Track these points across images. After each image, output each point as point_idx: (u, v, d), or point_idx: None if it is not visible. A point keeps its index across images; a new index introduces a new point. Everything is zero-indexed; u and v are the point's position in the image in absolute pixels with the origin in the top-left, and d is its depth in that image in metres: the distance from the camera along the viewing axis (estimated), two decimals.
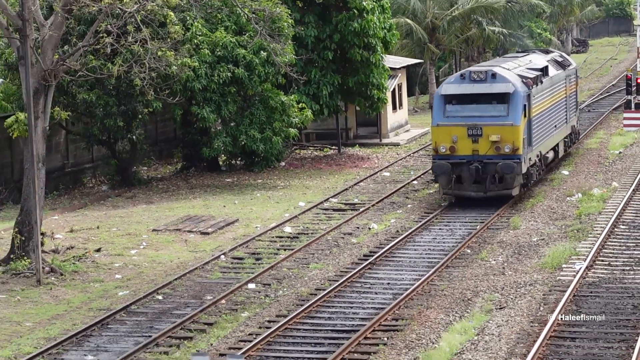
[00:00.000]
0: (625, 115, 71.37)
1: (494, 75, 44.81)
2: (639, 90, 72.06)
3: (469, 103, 45.53)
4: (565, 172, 55.92)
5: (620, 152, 61.56)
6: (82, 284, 38.34)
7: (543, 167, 50.37)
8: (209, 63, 52.26)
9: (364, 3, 58.25)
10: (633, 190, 49.79)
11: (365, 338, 30.41)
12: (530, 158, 46.23)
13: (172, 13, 48.38)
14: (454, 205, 47.59)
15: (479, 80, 44.90)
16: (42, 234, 39.73)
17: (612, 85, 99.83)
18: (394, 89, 71.03)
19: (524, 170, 44.97)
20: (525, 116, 45.13)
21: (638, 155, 60.14)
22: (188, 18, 50.92)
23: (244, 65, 52.87)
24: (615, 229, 42.53)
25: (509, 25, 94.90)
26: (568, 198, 49.07)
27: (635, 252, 39.28)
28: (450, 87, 46.17)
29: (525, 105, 45.12)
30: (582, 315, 32.06)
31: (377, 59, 61.00)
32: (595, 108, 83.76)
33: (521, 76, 46.85)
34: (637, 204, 47.31)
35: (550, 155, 52.66)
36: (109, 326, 33.12)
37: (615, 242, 40.78)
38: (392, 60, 71.72)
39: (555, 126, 53.01)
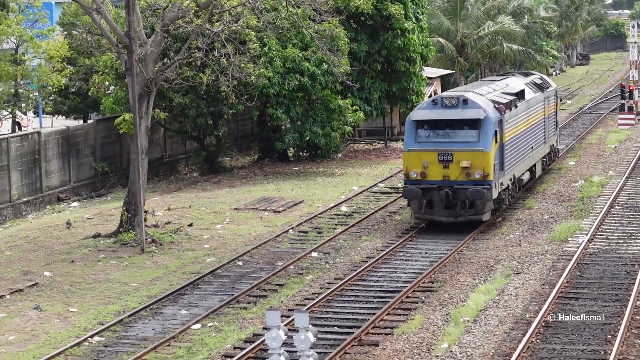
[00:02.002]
0: (620, 116, 71.29)
1: (465, 101, 37.05)
2: (631, 96, 71.85)
3: (441, 128, 37.65)
4: (572, 163, 55.69)
5: (615, 147, 61.26)
6: (177, 252, 38.49)
7: (517, 190, 42.18)
8: (281, 73, 52.33)
9: (406, 25, 58.12)
10: (626, 177, 49.51)
11: (407, 297, 30.51)
12: (502, 183, 38.31)
13: (252, 32, 48.55)
14: None
15: (450, 105, 37.22)
16: (145, 211, 39.94)
17: (609, 91, 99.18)
18: (430, 94, 70.71)
19: (495, 195, 37.28)
20: (496, 142, 37.32)
21: (630, 149, 59.76)
22: (264, 37, 50.94)
23: (309, 75, 52.90)
24: (612, 209, 42.33)
25: (524, 44, 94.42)
26: (573, 184, 48.89)
27: (628, 228, 39.16)
28: (421, 112, 38.38)
29: (496, 131, 37.33)
30: (584, 280, 32.00)
31: (417, 70, 60.91)
32: (595, 110, 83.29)
33: (494, 101, 38.83)
34: (629, 189, 47.08)
35: (526, 176, 44.04)
36: (199, 286, 33.27)
37: (611, 220, 40.60)
38: (429, 71, 71.59)
39: (532, 147, 44.47)
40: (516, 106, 40.71)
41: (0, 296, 32.92)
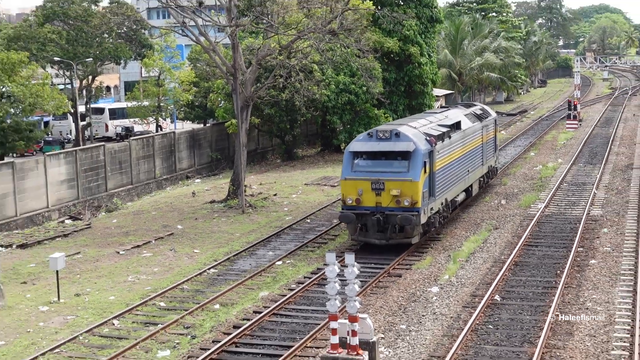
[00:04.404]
0: (567, 122, 70.52)
1: (397, 134, 29.13)
2: (575, 108, 71.17)
3: (375, 159, 29.51)
4: (533, 154, 55.16)
5: (564, 143, 60.61)
6: (265, 213, 38.68)
7: (449, 212, 33.14)
8: (335, 93, 52.27)
9: (421, 60, 57.73)
10: (571, 163, 48.95)
11: (420, 245, 30.39)
12: (432, 208, 29.97)
13: (316, 65, 48.54)
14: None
15: (384, 138, 29.33)
16: (244, 185, 40.18)
17: (560, 105, 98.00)
18: (438, 106, 70.31)
19: (424, 220, 29.16)
20: (425, 172, 29.08)
21: (574, 144, 59.08)
22: (324, 68, 50.94)
23: (354, 94, 52.80)
24: (561, 185, 41.92)
25: (503, 73, 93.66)
26: (534, 168, 48.44)
27: (572, 198, 38.71)
28: (358, 144, 30.01)
29: (426, 162, 29.08)
30: (541, 233, 31.79)
31: (429, 90, 60.53)
32: (550, 118, 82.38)
33: (427, 134, 30.51)
34: (573, 171, 46.49)
35: (462, 197, 35.05)
36: (280, 236, 33.40)
37: (560, 192, 40.18)
38: (437, 91, 71.14)
39: (469, 170, 35.71)
40: (450, 137, 32.55)
41: (149, 242, 33.39)
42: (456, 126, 34.11)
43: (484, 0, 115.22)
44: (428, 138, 29.84)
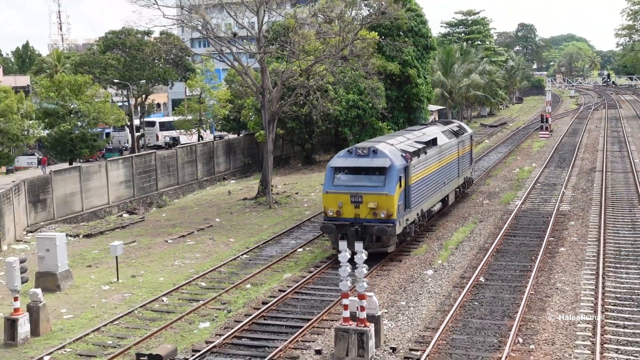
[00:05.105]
0: (540, 132, 70.15)
1: (375, 151, 26.42)
2: (547, 121, 70.80)
3: (354, 174, 26.47)
4: (511, 159, 54.89)
5: (538, 150, 60.27)
6: (289, 208, 38.67)
7: (425, 221, 30.20)
8: (346, 108, 52.21)
9: (418, 80, 57.61)
10: (544, 167, 48.68)
11: (419, 235, 30.25)
12: (407, 219, 27.23)
13: (330, 86, 48.50)
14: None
15: (362, 155, 26.52)
16: (271, 185, 40.20)
17: (534, 118, 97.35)
18: (432, 119, 70.20)
19: (399, 231, 26.42)
20: (401, 186, 26.29)
21: (546, 151, 58.74)
22: (337, 87, 50.91)
23: (362, 109, 52.73)
24: (535, 185, 41.69)
25: (486, 91, 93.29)
26: (513, 171, 48.18)
27: (544, 196, 38.45)
28: (339, 160, 26.92)
29: (401, 176, 26.31)
30: (519, 225, 31.63)
31: (424, 106, 60.36)
32: (526, 129, 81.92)
33: (403, 150, 27.71)
34: (545, 174, 46.21)
35: (437, 207, 32.09)
36: (301, 227, 33.38)
37: (534, 191, 39.95)
38: (431, 107, 71.02)
39: (445, 182, 32.93)
40: (425, 152, 29.77)
41: (192, 232, 33.45)
42: (432, 142, 31.59)
43: (471, 31, 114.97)
44: (404, 154, 27.28)
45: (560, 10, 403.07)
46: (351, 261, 18.35)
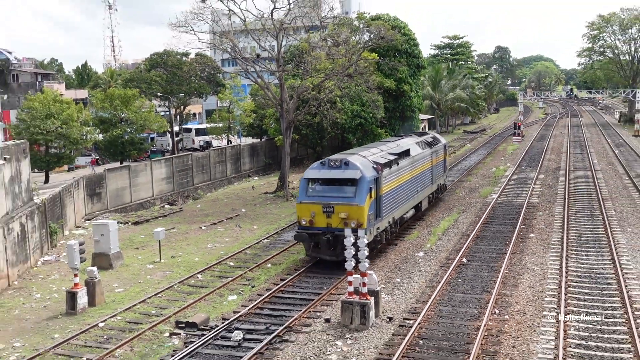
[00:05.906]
0: (514, 138, 69.90)
1: (346, 163, 23.30)
2: (519, 128, 70.47)
3: (326, 185, 23.28)
4: (489, 159, 54.65)
5: (511, 152, 59.98)
6: None
7: (397, 227, 26.80)
8: (351, 117, 51.98)
9: (411, 94, 57.31)
10: (516, 166, 48.44)
11: (411, 222, 30.12)
12: (378, 227, 23.95)
13: (337, 98, 48.36)
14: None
15: (335, 167, 23.41)
16: (288, 181, 40.08)
17: (509, 126, 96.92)
18: (423, 127, 69.90)
19: (370, 240, 22.87)
20: (371, 196, 23.01)
21: (518, 153, 58.43)
22: (344, 100, 50.78)
23: (364, 118, 52.50)
24: (509, 182, 41.50)
25: (469, 103, 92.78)
26: (490, 169, 47.96)
27: (517, 190, 38.25)
28: (312, 172, 23.78)
29: (372, 187, 23.03)
30: (496, 215, 31.47)
31: (417, 115, 60.04)
32: (501, 135, 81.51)
33: (375, 162, 24.55)
34: (518, 172, 45.95)
35: (410, 213, 28.60)
36: None
37: (509, 187, 39.76)
38: (422, 116, 70.66)
39: (418, 190, 29.49)
40: (397, 163, 26.57)
41: (222, 220, 33.43)
42: (405, 153, 28.33)
43: (456, 52, 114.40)
44: (375, 166, 24.14)
45: (531, 35, 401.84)
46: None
